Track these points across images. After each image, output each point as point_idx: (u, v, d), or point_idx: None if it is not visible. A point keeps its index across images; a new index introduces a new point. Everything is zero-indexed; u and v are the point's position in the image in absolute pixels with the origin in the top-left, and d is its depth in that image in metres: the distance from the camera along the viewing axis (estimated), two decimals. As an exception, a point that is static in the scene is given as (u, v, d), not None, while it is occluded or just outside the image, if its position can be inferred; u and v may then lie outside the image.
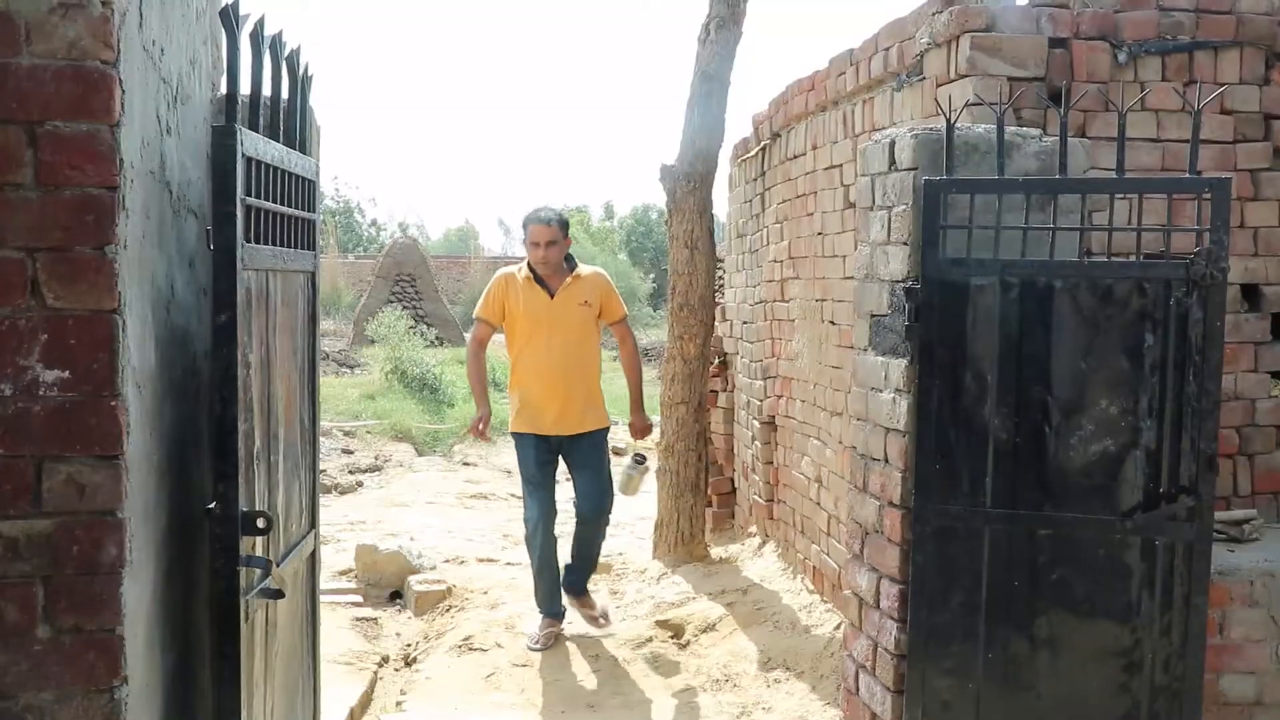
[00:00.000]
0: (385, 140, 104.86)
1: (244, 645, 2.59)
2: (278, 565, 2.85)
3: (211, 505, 2.53)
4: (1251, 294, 4.44)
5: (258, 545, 2.69)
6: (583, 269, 5.92)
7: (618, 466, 6.26)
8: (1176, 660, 3.40)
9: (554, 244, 5.72)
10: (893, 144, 3.72)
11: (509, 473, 11.90)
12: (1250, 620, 3.78)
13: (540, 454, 5.82)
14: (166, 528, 2.57)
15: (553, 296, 5.76)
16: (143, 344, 2.35)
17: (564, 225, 5.85)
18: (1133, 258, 3.57)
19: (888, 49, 4.96)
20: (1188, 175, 3.47)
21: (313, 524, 3.41)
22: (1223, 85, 4.28)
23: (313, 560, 3.46)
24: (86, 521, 2.18)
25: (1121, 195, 3.63)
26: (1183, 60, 4.34)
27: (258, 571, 2.68)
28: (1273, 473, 4.43)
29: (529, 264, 5.82)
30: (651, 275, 29.06)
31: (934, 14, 4.45)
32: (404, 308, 21.62)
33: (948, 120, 3.47)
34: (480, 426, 5.95)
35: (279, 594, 2.79)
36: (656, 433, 6.99)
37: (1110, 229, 3.53)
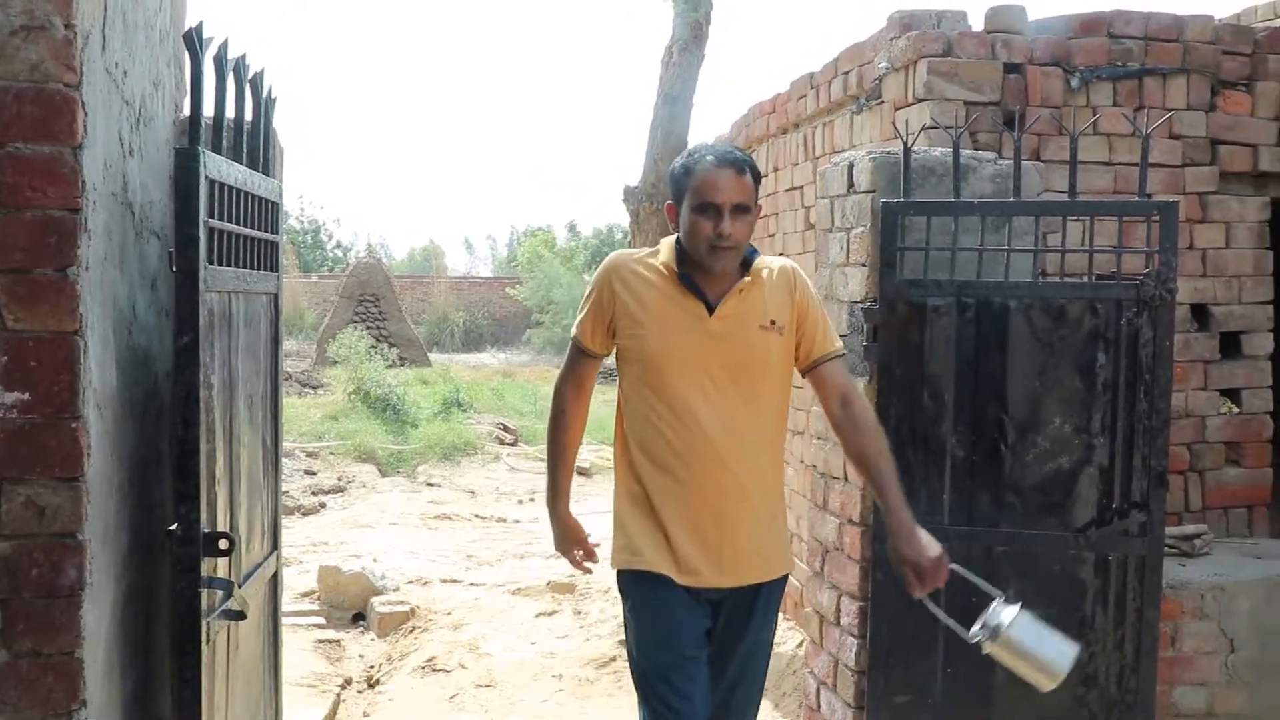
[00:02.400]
0: (350, 161, 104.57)
1: (205, 668, 2.58)
2: (239, 586, 2.84)
3: (173, 527, 2.53)
4: (1201, 313, 4.54)
5: (219, 566, 2.68)
6: (767, 261, 3.05)
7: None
8: (1130, 673, 3.46)
9: (743, 213, 2.85)
10: (851, 166, 3.77)
11: (473, 493, 11.88)
12: (1201, 633, 3.85)
13: (688, 620, 2.88)
14: (127, 549, 2.56)
15: (711, 311, 2.88)
16: (104, 365, 2.35)
17: (758, 177, 2.95)
18: (1086, 278, 3.64)
19: (847, 73, 5.04)
20: (1137, 198, 3.55)
21: (275, 545, 3.40)
22: (1171, 110, 4.38)
23: (275, 582, 3.45)
24: (46, 544, 2.17)
25: (1074, 217, 3.70)
26: (1133, 86, 4.44)
27: (219, 593, 2.68)
28: (1223, 488, 4.52)
29: (678, 245, 2.93)
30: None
31: (892, 39, 4.52)
32: (367, 328, 21.53)
33: (905, 143, 3.53)
34: (579, 555, 3.15)
35: (241, 615, 2.79)
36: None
37: (1063, 250, 3.60)
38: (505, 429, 15.24)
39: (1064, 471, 3.50)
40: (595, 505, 11.00)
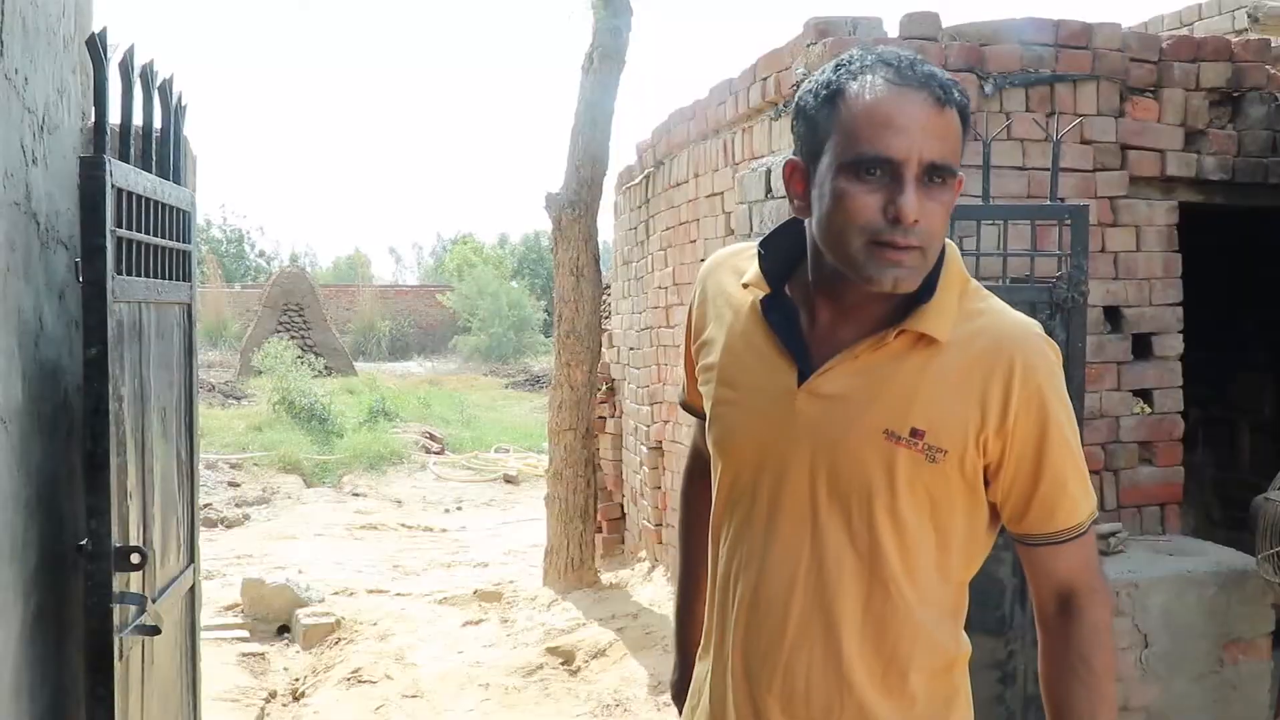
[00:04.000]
0: (273, 169, 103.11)
1: (119, 685, 2.53)
2: (154, 601, 2.79)
3: (83, 542, 2.47)
4: (1113, 315, 4.63)
5: (133, 581, 2.63)
6: (973, 312, 1.52)
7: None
8: (1047, 669, 3.52)
9: (941, 184, 1.42)
10: (769, 172, 3.81)
11: (399, 503, 11.78)
12: (1117, 629, 3.93)
13: None
14: (36, 566, 2.50)
15: (802, 379, 1.54)
16: (9, 379, 2.29)
17: (967, 120, 1.46)
18: (1000, 282, 3.71)
19: (765, 79, 5.07)
20: (1049, 203, 3.62)
21: (192, 558, 3.34)
22: (1081, 116, 4.47)
23: (192, 595, 3.39)
24: (-52, 562, 2.11)
25: (989, 221, 3.77)
26: (1045, 92, 4.52)
27: (133, 608, 2.62)
28: (1136, 487, 4.61)
29: (772, 244, 1.64)
30: (544, 302, 29.18)
31: (809, 45, 4.57)
32: (292, 338, 21.24)
33: (822, 150, 3.57)
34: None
35: (155, 631, 2.73)
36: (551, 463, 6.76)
37: (978, 254, 3.66)
38: (432, 437, 15.13)
39: (981, 472, 3.55)
40: (523, 513, 10.98)
